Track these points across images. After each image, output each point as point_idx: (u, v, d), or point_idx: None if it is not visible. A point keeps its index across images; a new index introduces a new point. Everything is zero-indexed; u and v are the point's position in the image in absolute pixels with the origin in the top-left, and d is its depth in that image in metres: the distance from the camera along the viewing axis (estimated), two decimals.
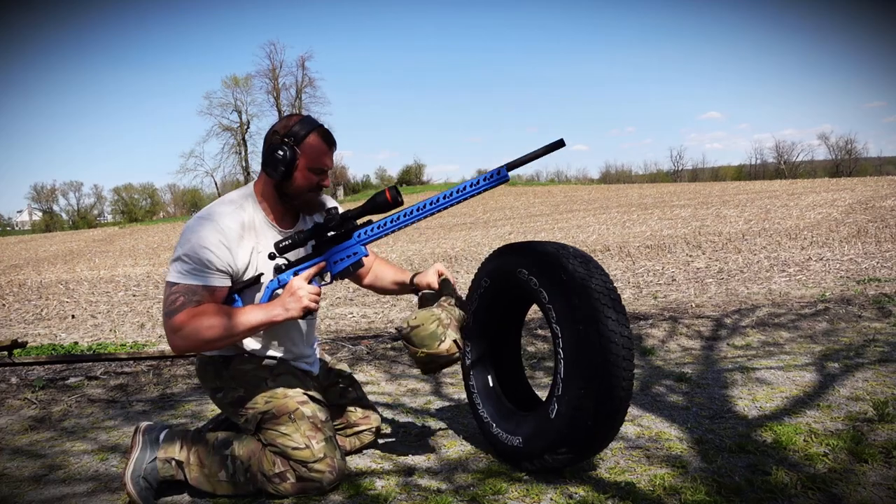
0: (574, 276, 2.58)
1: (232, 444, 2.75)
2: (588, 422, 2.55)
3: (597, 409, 2.53)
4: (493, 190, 27.32)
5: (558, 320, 2.61)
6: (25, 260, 26.66)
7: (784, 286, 8.17)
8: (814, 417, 3.30)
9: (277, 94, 66.62)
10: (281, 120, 2.77)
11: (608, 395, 2.51)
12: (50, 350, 6.64)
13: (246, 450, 2.72)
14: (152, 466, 2.73)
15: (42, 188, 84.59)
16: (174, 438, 2.81)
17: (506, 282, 2.96)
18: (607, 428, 2.64)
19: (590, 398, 2.51)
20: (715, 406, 3.57)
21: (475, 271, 3.27)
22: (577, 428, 2.58)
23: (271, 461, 2.69)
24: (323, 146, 2.72)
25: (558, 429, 2.61)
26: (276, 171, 2.66)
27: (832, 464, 2.71)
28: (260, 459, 2.70)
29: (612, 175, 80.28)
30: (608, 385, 2.50)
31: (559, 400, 2.60)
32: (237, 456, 2.71)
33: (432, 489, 2.71)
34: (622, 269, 11.10)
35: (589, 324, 2.50)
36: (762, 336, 5.29)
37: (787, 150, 76.30)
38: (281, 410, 2.73)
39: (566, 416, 2.58)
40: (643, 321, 6.02)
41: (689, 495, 2.50)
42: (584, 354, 2.50)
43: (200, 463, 2.73)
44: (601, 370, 2.48)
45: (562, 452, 2.64)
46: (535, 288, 2.70)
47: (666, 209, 25.08)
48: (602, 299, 2.53)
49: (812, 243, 12.34)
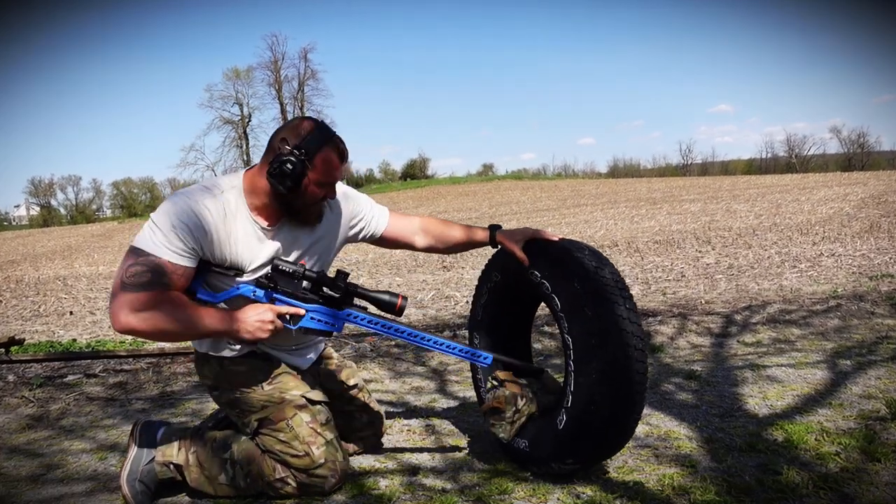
0: (589, 285, 2.55)
1: (231, 448, 2.73)
2: (598, 435, 2.55)
3: (608, 422, 2.52)
4: (499, 183, 27.22)
5: (570, 330, 2.59)
6: (23, 255, 26.69)
7: (795, 282, 8.15)
8: (826, 416, 3.30)
9: (279, 87, 66.55)
10: (291, 124, 2.61)
11: (621, 407, 2.51)
12: (48, 347, 6.64)
13: (245, 454, 2.71)
14: (149, 469, 2.71)
15: (40, 182, 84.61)
16: (172, 439, 2.78)
17: (517, 280, 2.95)
18: (615, 441, 2.64)
19: (601, 412, 2.51)
20: (725, 404, 3.57)
21: (481, 267, 3.25)
22: (585, 441, 2.57)
23: (271, 467, 2.67)
24: (336, 161, 2.60)
25: (565, 440, 2.61)
26: (283, 185, 2.52)
27: (844, 463, 2.71)
28: (260, 465, 2.68)
29: (621, 169, 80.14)
30: (621, 397, 2.49)
31: (567, 412, 2.60)
32: (237, 460, 2.70)
33: (437, 489, 2.71)
34: (630, 264, 11.08)
35: (603, 338, 2.48)
36: (773, 333, 5.28)
37: (798, 144, 76.04)
38: (278, 417, 2.69)
39: (574, 428, 2.58)
40: (652, 318, 6.01)
41: (698, 495, 2.50)
42: (598, 369, 2.49)
43: (200, 465, 2.72)
44: (614, 385, 2.48)
45: (568, 463, 2.65)
46: (548, 293, 2.68)
47: (675, 204, 25.02)
48: (618, 309, 2.49)
49: (824, 238, 12.30)
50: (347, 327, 6.96)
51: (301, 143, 2.52)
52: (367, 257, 15.51)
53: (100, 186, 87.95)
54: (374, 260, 14.71)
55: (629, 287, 2.63)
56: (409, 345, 5.37)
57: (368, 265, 13.76)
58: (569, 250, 2.69)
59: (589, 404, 2.52)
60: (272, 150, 2.57)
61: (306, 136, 2.53)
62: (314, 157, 2.53)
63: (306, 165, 2.52)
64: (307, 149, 2.52)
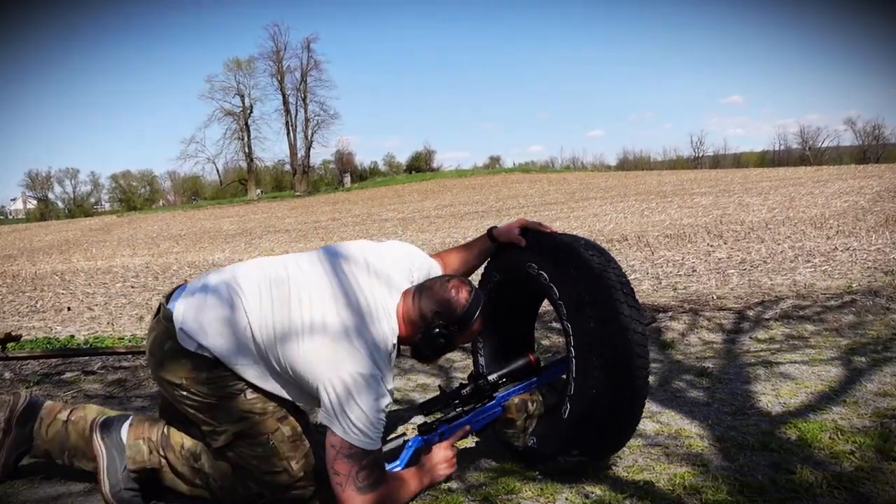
0: (585, 270, 2.58)
1: (201, 459, 2.66)
2: (602, 422, 2.56)
3: (611, 409, 2.53)
4: (506, 176, 27.25)
5: (569, 317, 2.60)
6: (19, 250, 26.74)
7: (809, 277, 8.14)
8: (840, 414, 3.30)
9: (282, 78, 66.45)
10: (445, 296, 2.59)
11: (623, 394, 2.51)
12: (45, 344, 6.66)
13: (217, 471, 2.64)
14: (126, 475, 2.65)
15: (37, 175, 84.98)
16: (139, 442, 2.70)
17: (516, 276, 2.96)
18: (623, 428, 2.64)
19: (603, 398, 2.51)
20: (737, 402, 3.57)
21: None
22: (591, 429, 2.58)
23: (244, 485, 2.62)
24: (481, 326, 2.69)
25: (571, 429, 2.61)
26: (433, 353, 2.65)
27: (859, 462, 2.71)
28: (233, 482, 2.63)
29: (630, 162, 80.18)
30: (622, 384, 2.50)
31: (571, 399, 2.60)
32: (208, 474, 2.65)
33: (443, 488, 2.72)
34: (640, 259, 11.08)
35: (601, 320, 2.50)
36: (786, 329, 5.27)
37: (812, 136, 76.08)
38: (259, 431, 2.56)
39: (579, 416, 2.58)
40: (662, 313, 6.01)
41: (710, 495, 2.50)
42: (597, 352, 2.50)
43: (174, 470, 2.68)
44: (615, 368, 2.49)
45: (575, 454, 2.65)
46: (546, 283, 2.70)
47: (686, 197, 24.99)
48: (615, 294, 2.52)
49: (838, 232, 12.28)
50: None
51: (456, 319, 2.59)
52: None
53: (98, 179, 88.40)
54: None
55: (635, 280, 2.63)
56: None
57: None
58: (562, 238, 2.77)
59: (591, 390, 2.53)
60: (423, 318, 2.59)
61: (460, 312, 2.59)
62: (466, 329, 2.62)
63: (456, 338, 2.63)
64: (460, 324, 2.60)
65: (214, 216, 41.42)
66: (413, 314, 2.59)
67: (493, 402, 2.86)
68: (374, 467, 2.43)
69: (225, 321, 2.49)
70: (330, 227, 26.96)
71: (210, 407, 2.54)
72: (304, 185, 64.44)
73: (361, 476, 2.40)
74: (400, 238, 19.02)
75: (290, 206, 43.66)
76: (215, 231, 29.89)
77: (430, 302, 2.58)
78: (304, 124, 67.33)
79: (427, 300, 2.59)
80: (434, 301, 2.58)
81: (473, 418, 2.83)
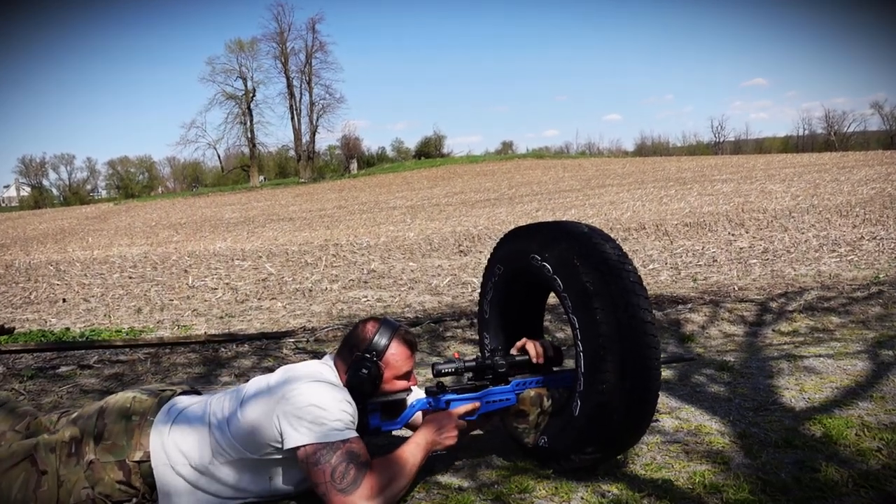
0: (589, 264, 2.56)
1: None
2: (614, 417, 2.55)
3: (623, 403, 2.52)
4: (519, 162, 27.25)
5: (574, 309, 2.60)
6: (13, 239, 26.83)
7: (834, 267, 8.12)
8: (866, 410, 3.29)
9: (285, 60, 66.42)
10: (354, 332, 2.85)
11: (634, 387, 2.51)
12: (39, 337, 6.68)
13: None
14: None
15: (31, 161, 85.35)
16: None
17: (520, 268, 2.96)
18: (636, 423, 2.64)
19: (615, 392, 2.51)
20: (759, 397, 3.56)
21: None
22: (603, 424, 2.57)
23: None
24: (406, 352, 2.83)
25: (583, 426, 2.61)
26: (365, 389, 2.75)
27: (886, 460, 2.70)
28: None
29: (648, 147, 79.98)
30: (633, 377, 2.49)
31: (581, 395, 2.60)
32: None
33: (453, 487, 2.73)
34: (659, 248, 11.05)
35: (609, 312, 2.49)
36: (810, 321, 5.27)
37: (837, 120, 75.71)
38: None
39: (589, 411, 2.58)
40: (682, 305, 6.00)
41: (731, 494, 2.50)
42: (606, 345, 2.50)
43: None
44: (625, 361, 2.48)
45: (588, 452, 2.64)
46: (550, 275, 2.69)
47: (706, 184, 24.92)
48: (622, 283, 2.52)
49: (865, 221, 12.23)
50: (350, 316, 6.96)
51: (370, 346, 2.78)
52: (379, 241, 15.51)
53: (94, 165, 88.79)
54: (387, 244, 14.70)
55: (653, 271, 2.62)
56: (425, 334, 5.38)
57: (380, 249, 13.76)
58: (565, 227, 2.76)
59: (601, 384, 2.52)
60: (349, 360, 2.81)
61: (372, 339, 2.79)
62: (384, 355, 2.78)
63: (380, 367, 2.77)
64: (376, 349, 2.78)
65: (216, 204, 41.50)
66: (343, 364, 2.82)
67: (507, 386, 2.87)
68: (348, 462, 2.50)
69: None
70: (336, 215, 26.97)
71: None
72: (309, 171, 64.44)
73: (338, 476, 2.49)
74: (408, 226, 19.03)
75: (295, 194, 43.69)
76: (216, 219, 29.93)
77: (348, 347, 2.84)
78: (309, 108, 67.29)
79: (345, 348, 2.85)
80: (349, 345, 2.84)
81: (484, 397, 2.86)
